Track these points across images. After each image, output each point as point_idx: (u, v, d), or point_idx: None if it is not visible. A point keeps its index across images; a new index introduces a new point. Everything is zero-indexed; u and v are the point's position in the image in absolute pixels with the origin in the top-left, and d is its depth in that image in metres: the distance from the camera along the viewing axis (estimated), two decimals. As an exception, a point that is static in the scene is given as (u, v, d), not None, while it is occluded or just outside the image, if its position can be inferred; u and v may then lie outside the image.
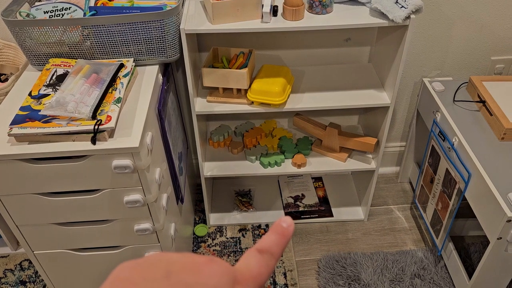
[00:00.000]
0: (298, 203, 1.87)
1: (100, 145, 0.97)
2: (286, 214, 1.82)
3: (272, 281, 1.58)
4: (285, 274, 1.60)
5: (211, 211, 1.83)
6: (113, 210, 1.11)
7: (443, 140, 1.44)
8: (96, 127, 0.96)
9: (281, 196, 1.89)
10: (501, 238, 1.17)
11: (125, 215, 1.12)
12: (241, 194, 1.90)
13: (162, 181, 1.18)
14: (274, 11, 1.22)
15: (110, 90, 1.06)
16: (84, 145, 0.97)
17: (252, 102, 1.40)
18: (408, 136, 1.81)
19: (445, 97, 1.52)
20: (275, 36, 1.55)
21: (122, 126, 1.02)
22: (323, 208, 1.84)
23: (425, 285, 1.53)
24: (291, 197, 1.89)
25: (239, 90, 1.42)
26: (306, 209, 1.84)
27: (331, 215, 1.81)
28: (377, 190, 1.92)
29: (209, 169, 1.60)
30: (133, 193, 1.07)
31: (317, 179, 1.98)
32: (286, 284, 1.57)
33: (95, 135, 0.96)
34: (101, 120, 0.98)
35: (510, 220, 1.12)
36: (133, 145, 0.97)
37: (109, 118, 0.99)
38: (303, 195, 1.90)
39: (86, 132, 0.97)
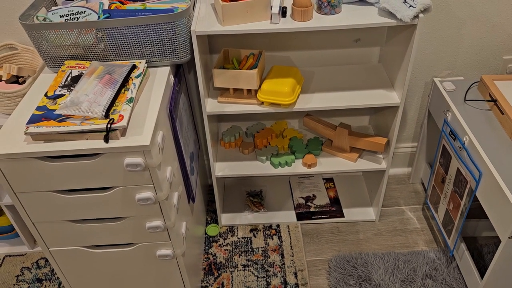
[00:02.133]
0: (309, 203, 1.87)
1: (112, 143, 1.00)
2: (297, 214, 1.83)
3: (283, 281, 1.59)
4: (295, 274, 1.61)
5: (222, 211, 1.84)
6: (125, 208, 1.13)
7: (454, 140, 1.43)
8: (109, 125, 0.99)
9: (292, 197, 1.90)
10: (512, 237, 1.16)
11: (137, 213, 1.15)
12: (252, 195, 1.92)
13: (173, 179, 1.21)
14: (283, 12, 1.23)
15: (122, 90, 1.09)
16: (97, 144, 1.00)
17: (262, 103, 1.42)
18: (419, 136, 1.80)
19: (456, 96, 1.51)
20: (284, 37, 1.56)
21: (134, 125, 1.05)
22: (334, 208, 1.85)
23: (437, 286, 1.52)
24: (302, 197, 1.90)
25: (249, 91, 1.44)
26: (317, 209, 1.84)
27: (342, 216, 1.81)
28: (388, 191, 1.92)
29: (220, 169, 1.62)
30: (144, 190, 1.09)
31: (328, 179, 1.98)
32: (296, 284, 1.57)
33: (107, 134, 0.99)
34: (113, 119, 1.00)
35: (521, 219, 1.12)
36: (144, 143, 0.99)
37: (121, 117, 1.02)
38: (314, 195, 1.91)
39: (99, 131, 1.00)
